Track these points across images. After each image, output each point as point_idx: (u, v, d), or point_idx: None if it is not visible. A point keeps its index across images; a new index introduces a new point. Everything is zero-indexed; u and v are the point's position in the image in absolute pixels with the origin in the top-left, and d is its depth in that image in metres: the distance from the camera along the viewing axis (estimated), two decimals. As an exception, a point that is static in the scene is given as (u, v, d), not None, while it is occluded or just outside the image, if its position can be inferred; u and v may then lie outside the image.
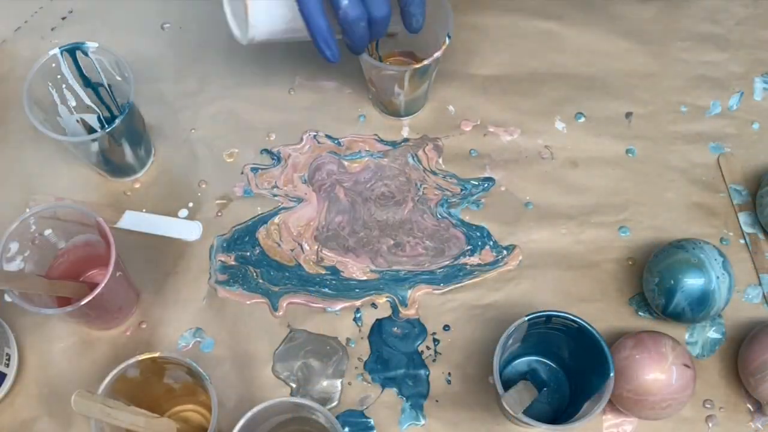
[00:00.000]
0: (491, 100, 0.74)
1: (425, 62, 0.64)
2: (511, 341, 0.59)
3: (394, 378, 0.64)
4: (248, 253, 0.68)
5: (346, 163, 0.71)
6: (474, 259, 0.68)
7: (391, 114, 0.73)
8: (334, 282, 0.67)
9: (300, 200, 0.70)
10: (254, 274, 0.67)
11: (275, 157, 0.71)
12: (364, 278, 0.67)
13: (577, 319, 0.56)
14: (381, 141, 0.72)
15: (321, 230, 0.69)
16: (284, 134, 0.72)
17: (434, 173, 0.71)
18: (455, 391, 0.64)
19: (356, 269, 0.68)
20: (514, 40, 0.76)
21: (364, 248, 0.68)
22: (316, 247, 0.68)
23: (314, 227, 0.69)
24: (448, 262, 0.68)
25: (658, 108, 0.74)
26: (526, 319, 0.57)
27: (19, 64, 0.74)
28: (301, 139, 0.72)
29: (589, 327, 0.56)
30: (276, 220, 0.69)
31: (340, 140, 0.72)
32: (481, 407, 0.63)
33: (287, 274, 0.67)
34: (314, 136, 0.72)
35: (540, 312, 0.57)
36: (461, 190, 0.70)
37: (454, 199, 0.70)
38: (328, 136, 0.72)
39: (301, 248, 0.68)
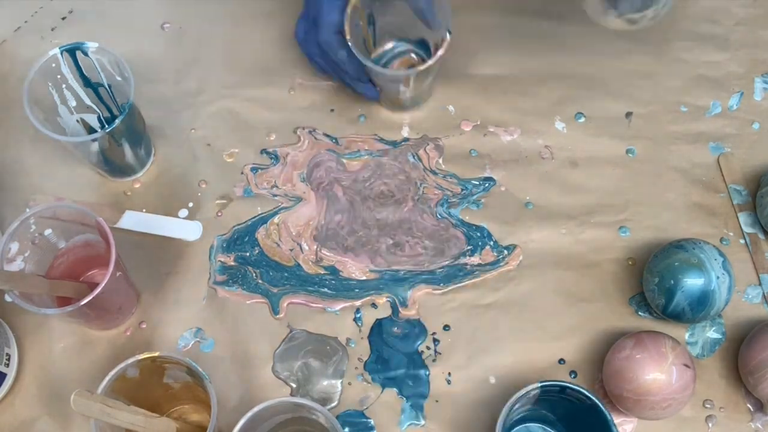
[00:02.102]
0: (491, 100, 0.74)
1: (429, 63, 0.64)
2: (518, 406, 0.57)
3: (394, 378, 0.64)
4: (248, 254, 0.68)
5: (345, 161, 0.71)
6: (474, 259, 0.68)
7: (396, 108, 0.72)
8: (333, 282, 0.67)
9: (299, 200, 0.70)
10: (254, 274, 0.67)
11: (273, 157, 0.71)
12: (364, 278, 0.67)
13: (590, 396, 0.55)
14: (381, 140, 0.72)
15: (320, 230, 0.69)
16: (284, 134, 0.72)
17: (434, 173, 0.71)
18: (455, 391, 0.64)
19: (355, 269, 0.68)
20: (514, 40, 0.76)
21: (363, 248, 0.68)
22: (315, 246, 0.68)
23: (313, 227, 0.69)
24: (448, 262, 0.68)
25: (658, 108, 0.74)
26: (539, 386, 0.55)
27: (19, 64, 0.74)
28: (299, 138, 0.72)
29: (600, 405, 0.55)
30: (275, 219, 0.69)
31: (338, 139, 0.72)
32: (481, 407, 0.63)
33: (286, 274, 0.67)
34: (310, 132, 0.72)
35: (553, 382, 0.56)
36: (461, 190, 0.70)
37: (454, 199, 0.70)
38: (327, 135, 0.72)
39: (300, 248, 0.68)
